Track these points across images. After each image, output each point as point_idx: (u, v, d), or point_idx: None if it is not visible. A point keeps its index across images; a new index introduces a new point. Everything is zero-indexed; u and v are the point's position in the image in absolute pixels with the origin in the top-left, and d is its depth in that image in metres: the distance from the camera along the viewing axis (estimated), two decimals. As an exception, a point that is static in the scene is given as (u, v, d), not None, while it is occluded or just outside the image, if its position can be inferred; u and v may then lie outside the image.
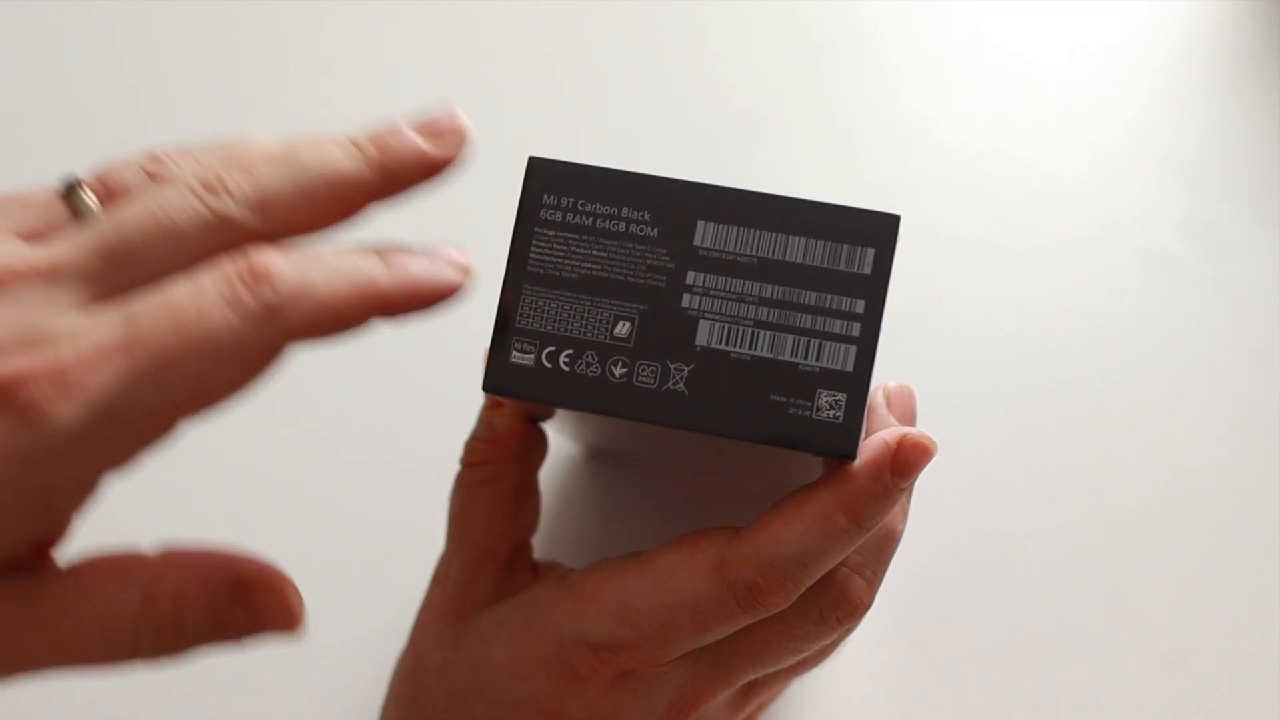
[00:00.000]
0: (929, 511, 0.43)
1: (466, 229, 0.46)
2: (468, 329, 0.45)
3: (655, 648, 0.29)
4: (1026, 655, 0.42)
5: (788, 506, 0.28)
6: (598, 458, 0.43)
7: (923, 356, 0.44)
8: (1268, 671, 0.41)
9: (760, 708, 0.36)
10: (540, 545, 0.43)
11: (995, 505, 0.43)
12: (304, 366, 0.45)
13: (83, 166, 0.47)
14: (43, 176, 0.47)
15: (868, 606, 0.31)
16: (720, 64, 0.48)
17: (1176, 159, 0.46)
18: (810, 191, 0.46)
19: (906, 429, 0.28)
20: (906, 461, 0.28)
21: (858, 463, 0.28)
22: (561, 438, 0.42)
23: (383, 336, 0.45)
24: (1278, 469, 0.43)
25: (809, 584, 0.28)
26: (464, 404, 0.44)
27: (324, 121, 0.47)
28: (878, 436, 0.28)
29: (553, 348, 0.28)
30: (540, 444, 0.34)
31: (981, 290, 0.45)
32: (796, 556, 0.28)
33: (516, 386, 0.28)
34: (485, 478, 0.33)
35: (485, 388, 0.28)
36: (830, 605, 0.30)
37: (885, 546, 0.31)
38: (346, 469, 0.44)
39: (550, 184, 0.28)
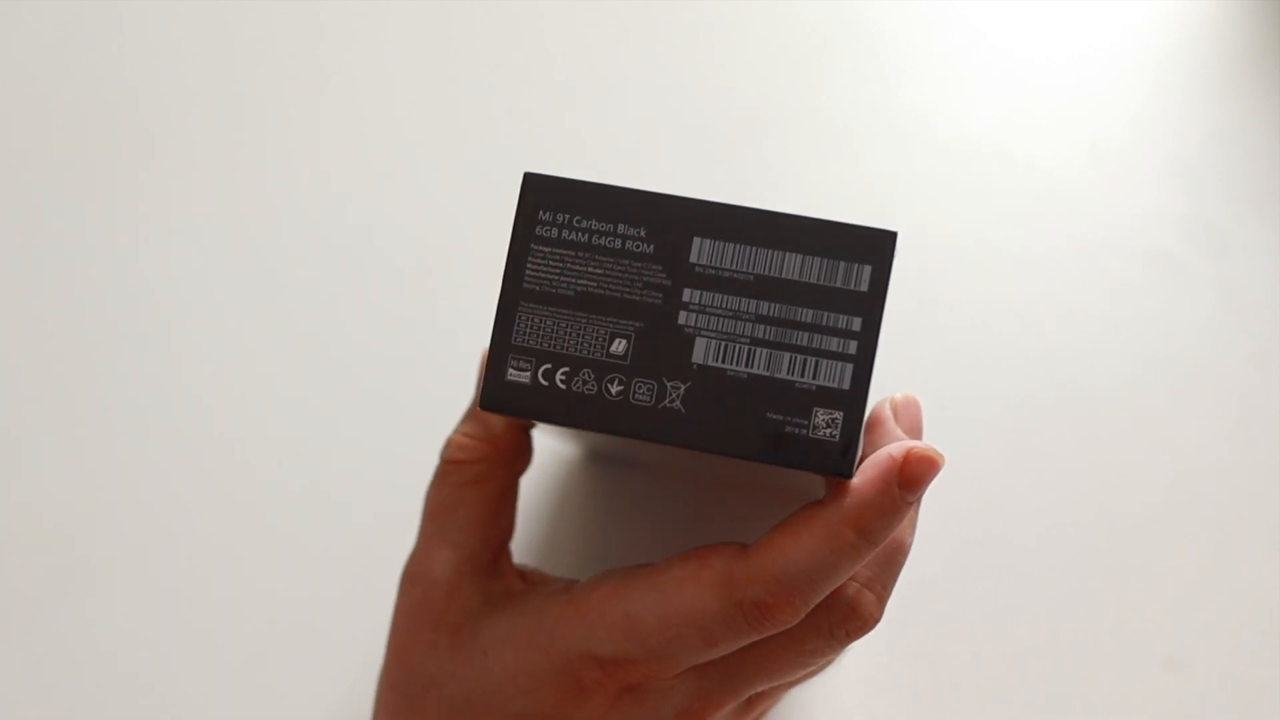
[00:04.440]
0: (929, 513, 0.43)
1: (463, 238, 0.46)
2: (463, 328, 0.45)
3: (662, 662, 0.29)
4: (1026, 656, 0.42)
5: (795, 523, 0.28)
6: (598, 461, 0.43)
7: (922, 357, 0.44)
8: (1269, 672, 0.41)
9: (761, 715, 0.36)
10: (540, 548, 0.43)
11: (995, 506, 0.43)
12: (306, 369, 0.45)
13: (83, 167, 0.47)
14: (43, 176, 0.47)
15: (877, 620, 0.31)
16: (720, 64, 0.48)
17: (1176, 159, 0.46)
18: (811, 191, 0.46)
19: (913, 442, 0.28)
20: (913, 475, 0.27)
21: (866, 477, 0.28)
22: (561, 441, 0.42)
23: (386, 339, 0.45)
24: (1278, 469, 0.43)
25: (818, 600, 0.28)
26: (454, 403, 0.44)
27: (323, 126, 0.47)
28: (884, 451, 0.28)
29: (549, 365, 0.28)
30: (528, 451, 0.34)
31: (981, 291, 0.45)
32: (806, 573, 0.28)
33: (513, 403, 0.28)
34: (475, 478, 0.33)
35: (482, 405, 0.28)
36: (840, 620, 0.30)
37: (894, 560, 0.31)
38: (343, 472, 0.44)
39: (546, 200, 0.28)
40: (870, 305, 0.28)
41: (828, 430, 0.27)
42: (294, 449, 0.44)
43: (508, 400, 0.28)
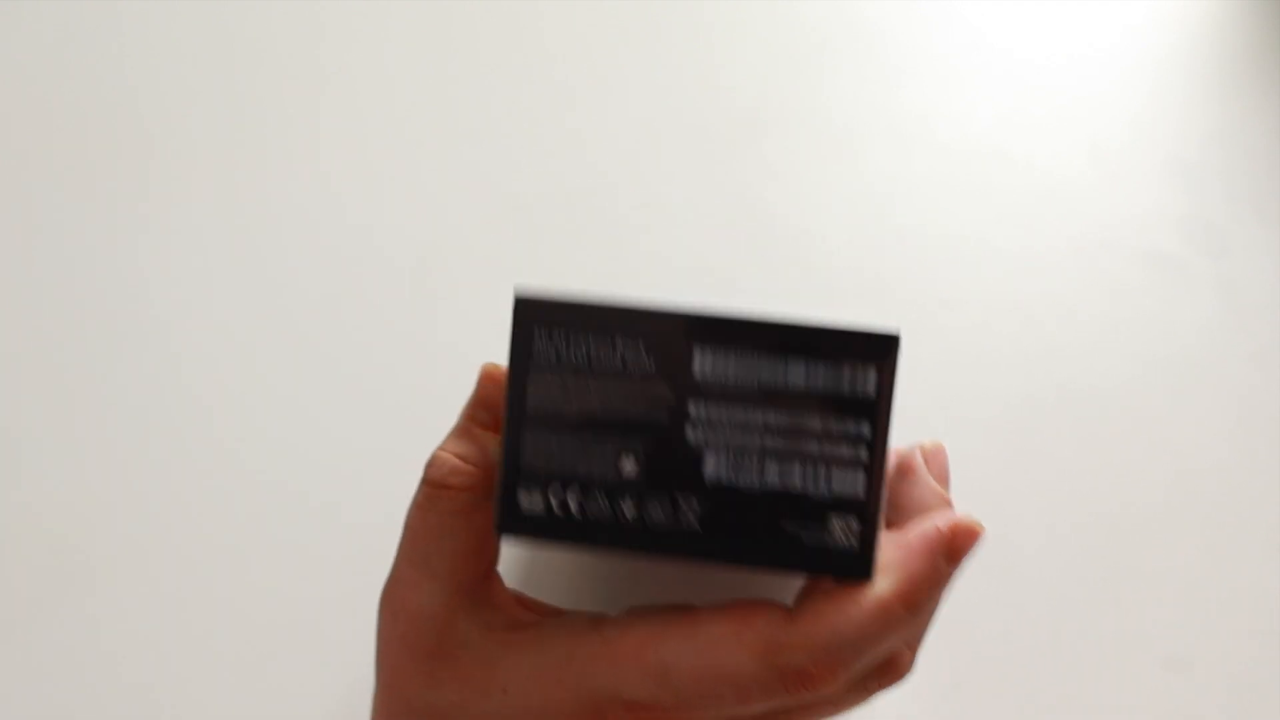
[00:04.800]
0: (929, 512, 0.43)
1: (463, 238, 0.46)
2: (463, 329, 0.45)
3: (691, 712, 0.29)
4: (1027, 656, 0.42)
5: (841, 593, 0.28)
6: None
7: (922, 357, 0.44)
8: (1269, 672, 0.41)
9: None
10: (544, 558, 0.43)
11: (995, 506, 0.43)
12: (306, 370, 0.45)
13: (83, 167, 0.46)
14: (43, 176, 0.47)
15: (910, 672, 0.31)
16: (720, 64, 0.48)
17: (1176, 159, 0.46)
18: (811, 191, 0.46)
19: (955, 515, 0.28)
20: (959, 548, 0.28)
21: (913, 550, 0.28)
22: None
23: (386, 340, 0.45)
24: (1278, 469, 0.43)
25: (859, 669, 0.29)
26: (454, 406, 0.44)
27: (323, 126, 0.47)
28: (930, 524, 0.28)
29: (559, 487, 0.27)
30: None
31: (981, 291, 0.45)
32: (852, 644, 0.28)
33: (527, 531, 0.28)
34: (466, 507, 0.31)
35: (497, 532, 0.28)
36: (877, 675, 0.30)
37: (929, 615, 0.31)
38: (342, 472, 0.44)
39: (541, 320, 0.28)
40: (878, 409, 0.27)
41: (845, 539, 0.27)
42: (293, 449, 0.44)
43: (522, 528, 0.28)
